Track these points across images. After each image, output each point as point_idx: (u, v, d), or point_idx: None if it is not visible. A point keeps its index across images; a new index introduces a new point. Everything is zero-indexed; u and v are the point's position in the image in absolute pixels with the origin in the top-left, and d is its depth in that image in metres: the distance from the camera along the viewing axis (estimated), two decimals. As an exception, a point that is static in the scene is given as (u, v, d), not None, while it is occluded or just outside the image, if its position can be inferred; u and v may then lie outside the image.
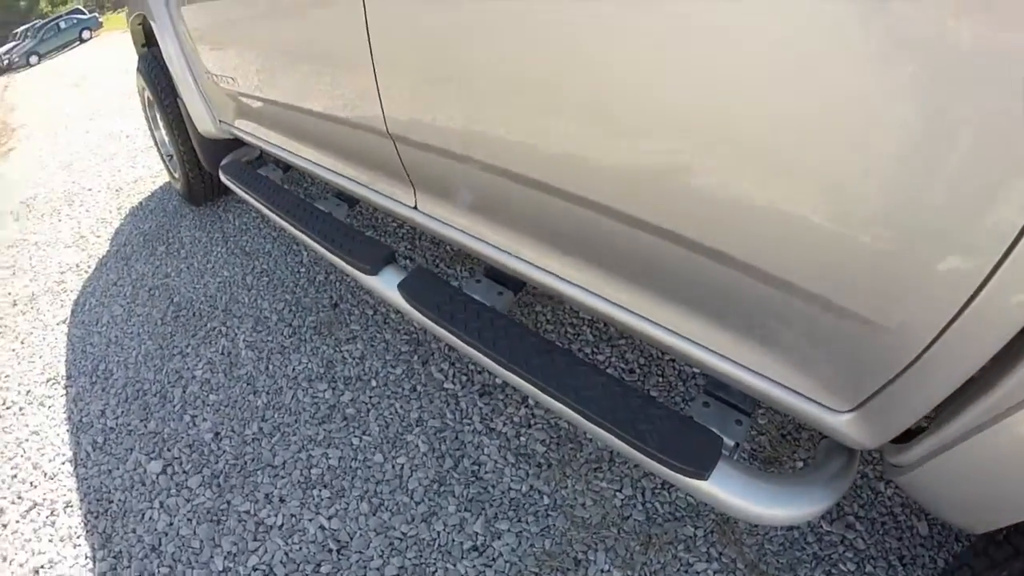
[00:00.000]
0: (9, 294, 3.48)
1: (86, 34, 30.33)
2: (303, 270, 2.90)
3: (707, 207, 0.96)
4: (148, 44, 3.30)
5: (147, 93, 3.36)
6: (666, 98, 0.92)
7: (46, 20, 33.30)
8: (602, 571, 1.54)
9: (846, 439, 1.05)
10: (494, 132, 1.24)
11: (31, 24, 34.82)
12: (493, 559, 1.59)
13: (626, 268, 1.23)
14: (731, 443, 1.22)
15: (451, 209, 1.60)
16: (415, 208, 1.72)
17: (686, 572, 1.52)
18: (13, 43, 32.70)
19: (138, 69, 3.30)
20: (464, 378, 2.13)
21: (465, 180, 1.46)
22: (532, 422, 1.94)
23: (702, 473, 1.14)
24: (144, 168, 5.05)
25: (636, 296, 1.24)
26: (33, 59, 27.63)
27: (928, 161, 0.71)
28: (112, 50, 19.06)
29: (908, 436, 1.01)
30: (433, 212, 1.66)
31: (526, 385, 1.36)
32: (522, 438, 1.90)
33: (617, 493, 1.72)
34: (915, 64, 0.69)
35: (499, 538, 1.61)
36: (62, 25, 30.44)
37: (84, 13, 33.02)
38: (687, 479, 1.16)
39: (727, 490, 1.14)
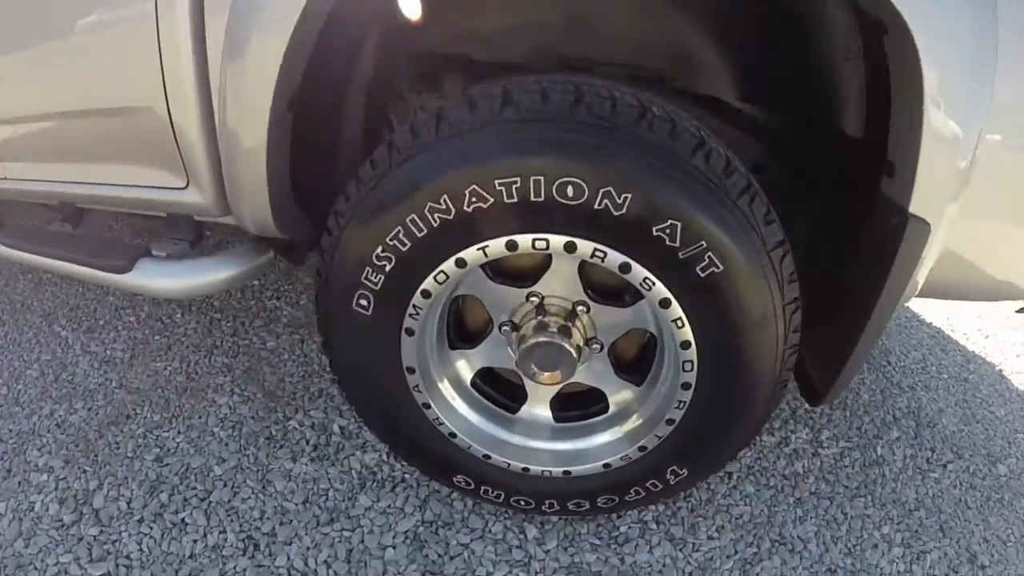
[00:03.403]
0: None
1: None
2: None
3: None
4: None
5: None
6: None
7: None
8: (146, 417, 1.86)
9: (203, 211, 1.48)
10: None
11: None
12: (69, 425, 1.88)
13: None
14: (162, 253, 1.61)
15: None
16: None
17: (211, 406, 1.92)
18: None
19: None
20: (74, 325, 2.37)
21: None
22: (114, 338, 2.23)
23: (127, 267, 1.53)
24: None
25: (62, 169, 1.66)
26: None
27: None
28: None
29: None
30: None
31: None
32: (108, 351, 2.19)
33: (168, 366, 2.06)
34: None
35: (75, 414, 1.93)
36: None
37: None
38: (115, 275, 1.54)
39: (148, 278, 1.55)
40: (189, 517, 1.60)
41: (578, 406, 1.40)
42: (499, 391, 1.40)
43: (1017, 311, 1.67)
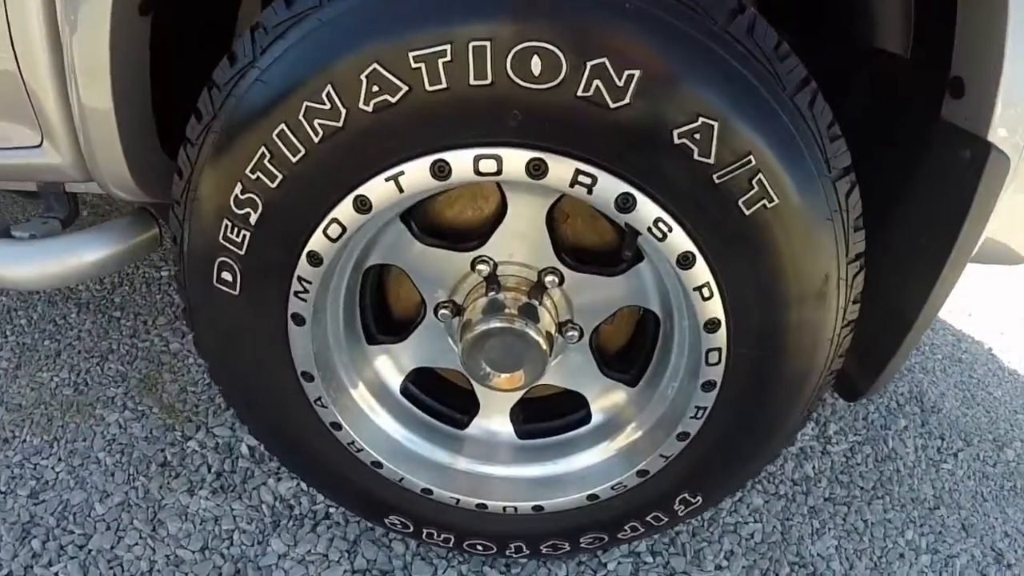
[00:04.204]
0: None
1: None
2: None
3: None
4: None
5: None
6: None
7: None
8: (25, 442, 1.37)
9: (64, 173, 0.97)
10: None
11: None
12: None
13: None
14: (24, 234, 1.09)
15: None
16: None
17: (99, 424, 1.40)
18: None
19: None
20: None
21: None
22: (1, 349, 1.69)
23: None
24: None
25: None
26: None
27: None
28: None
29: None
30: None
31: None
32: None
33: (55, 377, 1.52)
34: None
35: None
36: None
37: None
38: None
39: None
40: (63, 571, 1.11)
41: (549, 415, 0.93)
42: (441, 399, 0.92)
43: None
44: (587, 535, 0.91)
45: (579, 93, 0.52)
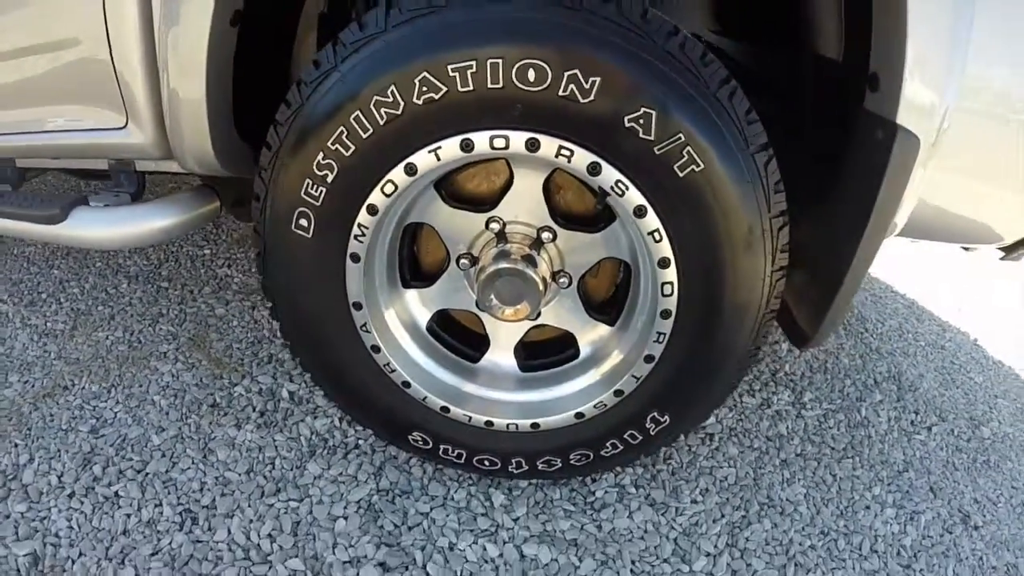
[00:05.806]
0: None
1: None
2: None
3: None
4: None
5: None
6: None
7: None
8: (84, 388, 1.69)
9: (144, 152, 1.28)
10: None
11: None
12: (2, 398, 1.66)
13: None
14: (100, 204, 1.42)
15: None
16: None
17: (153, 374, 1.72)
18: None
19: None
20: (16, 299, 2.15)
21: None
22: (56, 311, 2.02)
23: (61, 218, 1.34)
24: None
25: None
26: None
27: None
28: None
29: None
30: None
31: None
32: (48, 323, 1.98)
33: (110, 336, 1.86)
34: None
35: (9, 387, 1.70)
36: None
37: None
38: (48, 227, 1.34)
39: (83, 227, 1.34)
40: (123, 490, 1.40)
41: (546, 354, 1.24)
42: (458, 339, 1.23)
43: (1001, 258, 1.54)
44: (575, 452, 1.21)
45: (560, 93, 0.84)
